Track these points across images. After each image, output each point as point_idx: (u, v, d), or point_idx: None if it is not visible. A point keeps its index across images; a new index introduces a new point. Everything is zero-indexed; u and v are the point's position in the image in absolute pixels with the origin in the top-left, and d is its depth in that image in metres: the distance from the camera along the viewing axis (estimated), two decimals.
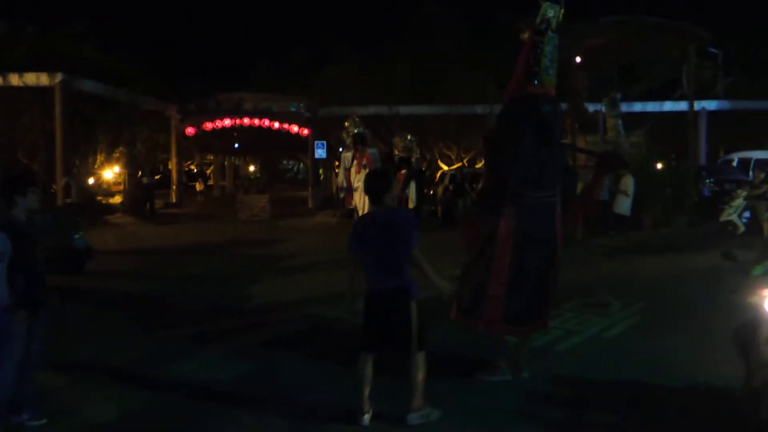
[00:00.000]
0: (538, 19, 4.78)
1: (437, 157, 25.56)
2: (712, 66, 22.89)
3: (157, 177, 27.61)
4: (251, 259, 11.01)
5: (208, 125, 21.96)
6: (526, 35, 4.92)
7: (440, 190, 16.63)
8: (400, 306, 3.97)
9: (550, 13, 4.76)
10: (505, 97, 5.01)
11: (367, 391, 4.05)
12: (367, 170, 14.80)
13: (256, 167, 36.87)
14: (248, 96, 22.74)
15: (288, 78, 26.60)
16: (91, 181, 21.29)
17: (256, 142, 26.61)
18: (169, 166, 25.52)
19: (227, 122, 21.69)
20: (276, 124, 22.00)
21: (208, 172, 36.84)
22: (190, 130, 22.04)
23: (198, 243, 13.41)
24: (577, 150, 12.56)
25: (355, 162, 16.20)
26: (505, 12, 23.33)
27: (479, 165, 20.50)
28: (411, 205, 15.24)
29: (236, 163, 37.98)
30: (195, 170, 35.80)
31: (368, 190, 4.20)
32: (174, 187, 24.25)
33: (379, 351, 4.07)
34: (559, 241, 4.76)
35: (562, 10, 4.85)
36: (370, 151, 16.85)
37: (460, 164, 23.34)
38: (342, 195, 18.87)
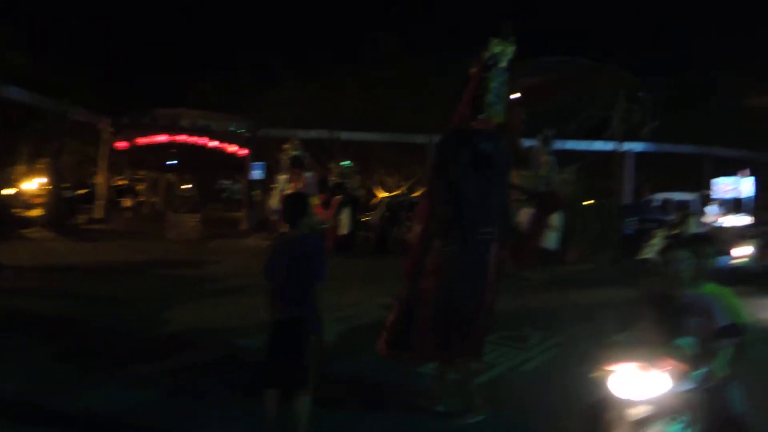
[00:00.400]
0: (486, 55, 4.84)
1: (378, 183, 25.65)
2: (640, 109, 24.09)
3: (82, 191, 26.47)
4: (174, 280, 10.60)
5: (142, 140, 21.28)
6: (473, 70, 4.95)
7: (376, 216, 16.62)
8: (296, 339, 3.82)
9: (498, 50, 4.82)
10: (447, 129, 5.01)
11: (271, 429, 3.88)
12: None
13: (191, 185, 35.93)
14: (186, 112, 22.24)
15: (229, 97, 26.20)
16: (9, 192, 20.16)
17: (193, 159, 25.95)
18: (96, 181, 24.45)
19: (162, 138, 21.09)
20: (214, 143, 21.56)
21: (139, 188, 35.63)
22: (121, 144, 21.27)
23: (119, 262, 12.80)
24: (514, 187, 12.86)
25: (291, 185, 16.09)
26: (452, 43, 23.94)
27: (417, 193, 20.67)
28: (344, 231, 15.20)
29: (170, 180, 36.95)
30: (125, 185, 34.55)
31: (285, 213, 4.12)
32: (100, 202, 23.27)
33: (279, 386, 3.89)
34: (490, 280, 4.71)
35: (512, 48, 4.90)
36: (307, 174, 16.74)
37: (398, 191, 23.48)
38: (275, 218, 18.66)
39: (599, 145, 22.90)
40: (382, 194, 23.41)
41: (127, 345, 6.41)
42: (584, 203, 17.02)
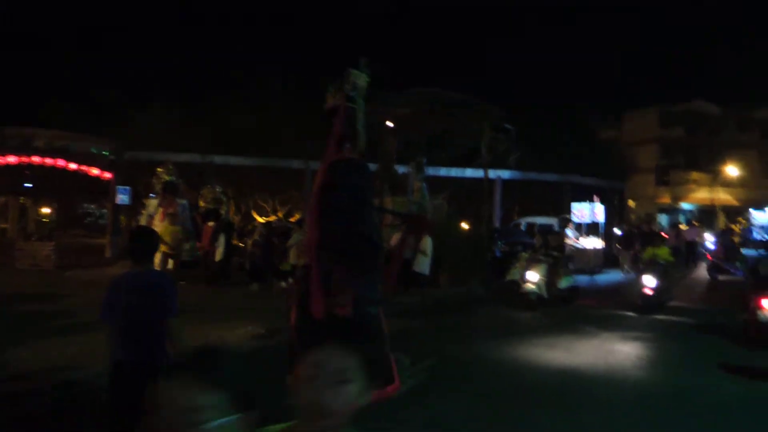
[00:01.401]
0: (348, 86, 4.93)
1: (252, 209, 25.10)
2: (505, 140, 25.63)
3: None
4: (19, 316, 9.55)
5: None
6: (332, 100, 4.98)
7: (250, 243, 16.16)
8: (140, 382, 3.56)
9: (361, 81, 4.99)
10: (326, 161, 4.91)
11: None
12: (170, 220, 14.03)
13: (50, 210, 33.09)
14: (41, 132, 20.52)
15: (90, 117, 24.58)
16: None
17: (51, 182, 23.95)
18: None
19: (12, 159, 19.26)
20: (73, 165, 20.01)
21: None
22: None
23: None
24: (385, 211, 13.10)
25: (160, 210, 15.26)
26: (327, 69, 24.13)
27: (294, 219, 20.42)
28: (218, 258, 14.63)
29: (25, 204, 33.80)
30: None
31: (132, 247, 3.84)
32: None
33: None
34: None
35: (368, 80, 5.09)
36: (181, 202, 16.04)
37: (273, 218, 23.10)
38: None
39: (470, 173, 24.03)
40: (260, 219, 22.93)
41: None
42: (458, 228, 17.72)
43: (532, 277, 11.83)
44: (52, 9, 47.52)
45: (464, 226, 18.57)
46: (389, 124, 17.58)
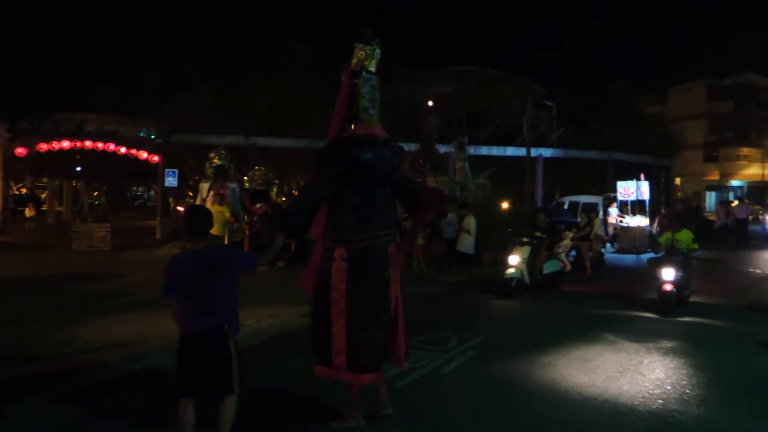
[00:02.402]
0: (353, 61, 4.85)
1: (295, 190, 25.44)
2: (546, 117, 25.27)
3: None
4: (79, 294, 10.02)
5: (43, 146, 20.04)
6: (343, 78, 4.94)
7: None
8: (216, 348, 3.84)
9: (363, 55, 4.83)
10: (327, 139, 4.95)
11: None
12: (217, 201, 14.39)
13: (99, 193, 34.20)
14: (92, 117, 21.16)
15: (137, 101, 25.18)
16: None
17: (101, 166, 24.75)
18: None
19: (66, 144, 19.96)
20: (123, 149, 20.63)
21: (43, 196, 33.55)
22: (20, 151, 19.96)
23: (20, 276, 11.97)
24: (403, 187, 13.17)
25: (212, 193, 15.67)
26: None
27: None
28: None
29: (77, 187, 35.02)
30: (26, 194, 32.43)
31: (188, 226, 4.05)
32: None
33: (198, 395, 3.87)
34: (394, 282, 4.69)
35: (378, 50, 4.89)
36: (231, 185, 16.42)
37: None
38: None
39: (511, 151, 23.82)
40: None
41: (29, 365, 6.01)
42: (500, 207, 17.63)
43: (513, 260, 10.77)
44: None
45: (506, 205, 18.45)
46: (429, 103, 17.56)
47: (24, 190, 33.22)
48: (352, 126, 4.83)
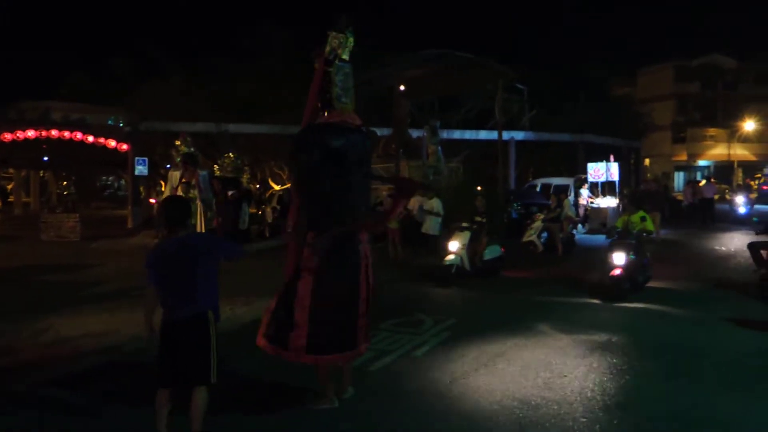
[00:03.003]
0: (327, 49, 4.92)
1: (268, 176, 25.29)
2: (518, 100, 25.46)
3: None
4: (50, 286, 9.88)
5: (7, 136, 19.54)
6: (316, 65, 5.00)
7: (269, 210, 16.43)
8: (196, 335, 3.89)
9: (335, 43, 4.91)
10: (301, 126, 5.03)
11: (162, 429, 3.84)
12: (195, 191, 14.25)
13: (68, 183, 33.54)
14: (58, 105, 20.74)
15: (105, 89, 24.70)
16: None
17: (69, 155, 24.24)
18: None
19: (31, 133, 19.49)
20: (90, 138, 20.22)
21: (9, 187, 32.81)
22: None
23: None
24: (374, 177, 13.22)
25: (183, 181, 15.49)
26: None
27: None
28: (243, 226, 14.89)
29: (45, 177, 34.27)
30: None
31: (166, 216, 4.05)
32: None
33: (176, 385, 3.91)
34: (364, 269, 4.77)
35: (351, 39, 4.97)
36: (201, 173, 16.22)
37: (290, 185, 23.27)
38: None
39: (484, 134, 23.97)
40: (276, 187, 23.14)
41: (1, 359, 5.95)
42: (473, 190, 17.77)
43: (453, 246, 10.31)
44: None
45: (480, 188, 18.61)
46: (401, 87, 17.56)
47: None
48: (326, 113, 4.90)
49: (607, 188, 19.25)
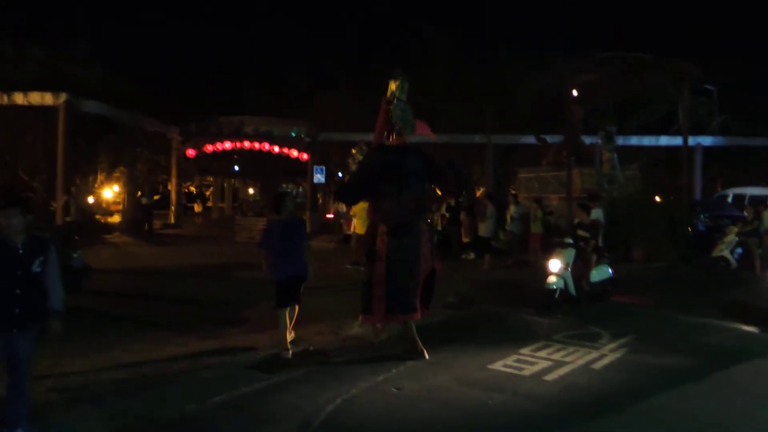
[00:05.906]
0: (388, 94, 6.61)
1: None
2: (706, 102, 23.29)
3: (156, 198, 27.79)
4: (247, 281, 11.02)
5: (209, 147, 22.21)
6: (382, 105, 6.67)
7: (437, 218, 16.80)
8: (299, 287, 6.43)
9: (394, 87, 6.58)
10: (372, 146, 6.94)
11: (289, 333, 6.33)
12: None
13: (255, 190, 37.03)
14: (249, 119, 23.08)
15: (287, 102, 26.93)
16: (90, 200, 21.43)
17: (256, 165, 26.87)
18: (169, 187, 25.69)
19: (227, 145, 21.96)
20: (276, 148, 22.26)
21: (208, 193, 37.07)
22: (190, 152, 22.29)
23: (195, 264, 13.51)
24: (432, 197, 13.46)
25: None
26: (501, 42, 23.79)
27: (478, 193, 20.64)
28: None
29: (235, 185, 38.20)
30: (194, 192, 36.01)
31: (274, 205, 6.44)
32: (173, 208, 24.41)
33: (289, 304, 6.37)
34: (425, 253, 6.27)
35: (407, 83, 6.65)
36: None
37: (479, 192, 23.47)
38: (341, 220, 19.07)
39: (665, 140, 22.30)
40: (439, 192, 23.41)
41: (217, 337, 6.81)
42: (651, 200, 16.64)
43: (554, 266, 8.78)
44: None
45: (658, 198, 17.33)
46: (574, 92, 16.94)
47: (193, 188, 36.87)
48: (391, 138, 6.58)
49: None
